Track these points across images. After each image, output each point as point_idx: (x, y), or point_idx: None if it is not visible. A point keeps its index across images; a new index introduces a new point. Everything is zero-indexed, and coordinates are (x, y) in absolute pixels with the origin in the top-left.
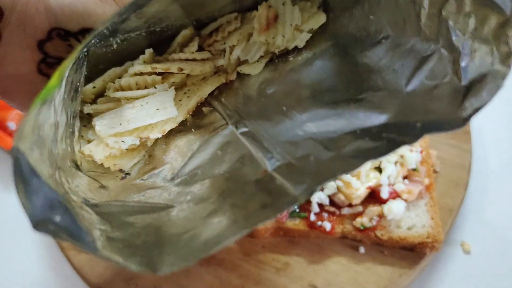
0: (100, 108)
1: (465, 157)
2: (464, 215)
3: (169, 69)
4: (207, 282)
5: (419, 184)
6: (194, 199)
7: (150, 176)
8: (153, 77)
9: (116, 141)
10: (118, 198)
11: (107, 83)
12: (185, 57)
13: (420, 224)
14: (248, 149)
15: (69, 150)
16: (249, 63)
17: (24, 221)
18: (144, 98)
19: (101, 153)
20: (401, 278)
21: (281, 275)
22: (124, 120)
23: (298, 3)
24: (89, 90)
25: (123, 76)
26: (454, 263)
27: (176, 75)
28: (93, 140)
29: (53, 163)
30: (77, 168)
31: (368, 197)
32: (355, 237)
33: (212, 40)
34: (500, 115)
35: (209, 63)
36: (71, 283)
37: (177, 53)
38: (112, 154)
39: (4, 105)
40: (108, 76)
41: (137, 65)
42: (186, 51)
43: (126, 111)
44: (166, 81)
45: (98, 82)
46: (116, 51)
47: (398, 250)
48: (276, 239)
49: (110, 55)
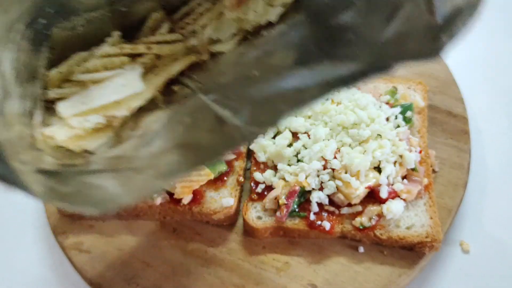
0: (65, 92)
1: (464, 157)
2: (463, 215)
3: (136, 49)
4: (208, 282)
5: (418, 184)
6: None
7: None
8: (121, 59)
9: (80, 121)
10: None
11: (73, 68)
12: (155, 40)
13: (419, 223)
14: (215, 111)
15: (27, 133)
16: (222, 42)
17: (25, 221)
18: (111, 78)
19: (64, 134)
20: (400, 278)
21: (281, 275)
22: (88, 99)
23: None
24: (55, 75)
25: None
26: (453, 263)
27: (146, 56)
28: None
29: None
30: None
31: (367, 197)
32: (354, 237)
33: (183, 23)
34: (498, 115)
35: (180, 44)
36: (72, 282)
37: (147, 38)
38: (77, 134)
39: None
40: (74, 60)
41: (105, 47)
42: (157, 34)
43: (91, 92)
44: (135, 63)
45: (63, 67)
46: (82, 36)
47: (397, 249)
48: (276, 239)
49: (77, 40)
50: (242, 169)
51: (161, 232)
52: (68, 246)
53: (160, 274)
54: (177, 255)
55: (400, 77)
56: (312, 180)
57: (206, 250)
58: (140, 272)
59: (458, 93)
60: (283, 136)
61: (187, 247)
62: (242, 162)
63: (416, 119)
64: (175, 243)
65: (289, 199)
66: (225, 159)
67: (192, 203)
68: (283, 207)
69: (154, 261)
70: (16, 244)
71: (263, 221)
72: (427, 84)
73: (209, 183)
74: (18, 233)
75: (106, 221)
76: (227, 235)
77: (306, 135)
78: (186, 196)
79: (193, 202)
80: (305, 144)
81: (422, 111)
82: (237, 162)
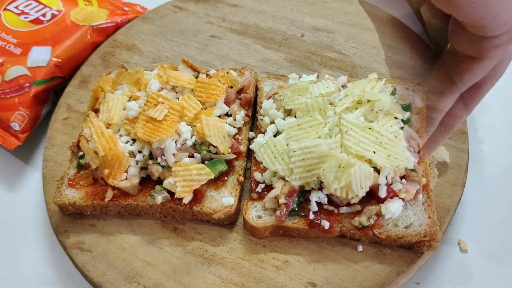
0: None
1: (462, 157)
2: (461, 215)
3: None
4: (209, 280)
5: (417, 184)
6: None
7: None
8: None
9: None
10: None
11: None
12: None
13: (418, 223)
14: None
15: None
16: None
17: (27, 221)
18: None
19: None
20: (399, 277)
21: (281, 274)
22: None
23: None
24: None
25: None
26: (451, 262)
27: None
28: None
29: None
30: None
31: (367, 196)
32: (353, 236)
33: None
34: (497, 116)
35: None
36: (73, 281)
37: None
38: None
39: (7, 106)
40: None
41: None
42: None
43: None
44: None
45: None
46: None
47: (396, 248)
48: (276, 238)
49: None
50: (242, 168)
51: (162, 231)
52: (69, 245)
53: (161, 273)
54: (177, 254)
55: (398, 78)
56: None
57: (207, 249)
58: (141, 271)
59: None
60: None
61: (188, 246)
62: (242, 161)
63: (415, 119)
64: (175, 242)
65: (289, 198)
66: (226, 158)
67: (193, 203)
68: (283, 206)
69: (155, 260)
70: (18, 243)
71: (263, 220)
72: (426, 85)
73: (209, 183)
74: (20, 232)
75: (107, 220)
76: (227, 234)
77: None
78: (187, 195)
79: (194, 201)
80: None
81: (421, 111)
82: (237, 162)
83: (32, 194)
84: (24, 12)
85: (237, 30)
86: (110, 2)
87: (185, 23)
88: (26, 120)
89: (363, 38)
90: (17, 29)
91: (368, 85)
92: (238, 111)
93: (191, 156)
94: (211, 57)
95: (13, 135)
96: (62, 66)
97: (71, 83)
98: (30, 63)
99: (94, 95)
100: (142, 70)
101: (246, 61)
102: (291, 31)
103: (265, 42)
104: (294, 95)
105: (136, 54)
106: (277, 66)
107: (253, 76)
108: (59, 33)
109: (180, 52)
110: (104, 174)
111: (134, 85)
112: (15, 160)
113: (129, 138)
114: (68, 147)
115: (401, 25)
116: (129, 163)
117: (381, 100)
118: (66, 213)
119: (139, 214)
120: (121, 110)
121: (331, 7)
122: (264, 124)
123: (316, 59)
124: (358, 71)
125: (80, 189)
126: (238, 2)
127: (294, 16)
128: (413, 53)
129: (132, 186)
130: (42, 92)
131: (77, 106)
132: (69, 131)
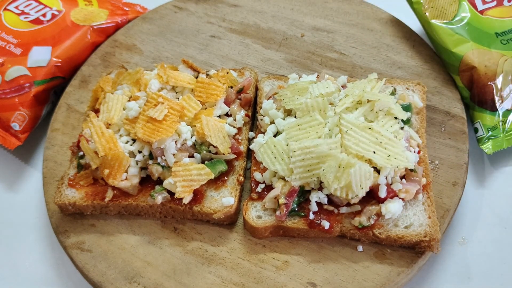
0: None
1: (462, 157)
2: (461, 214)
3: None
4: (209, 280)
5: (417, 184)
6: None
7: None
8: None
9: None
10: None
11: None
12: None
13: (418, 223)
14: None
15: None
16: None
17: (27, 221)
18: None
19: None
20: (399, 277)
21: (281, 274)
22: None
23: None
24: None
25: None
26: (451, 261)
27: None
28: None
29: None
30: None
31: (366, 196)
32: (353, 236)
33: None
34: None
35: None
36: (73, 281)
37: None
38: None
39: (7, 106)
40: None
41: None
42: None
43: None
44: None
45: None
46: None
47: (396, 248)
48: (276, 238)
49: None
50: (242, 168)
51: (162, 231)
52: (69, 245)
53: (161, 273)
54: (177, 254)
55: (398, 78)
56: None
57: (207, 249)
58: (141, 271)
59: (456, 94)
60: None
61: (188, 246)
62: (242, 162)
63: (415, 119)
64: (175, 242)
65: (289, 198)
66: (226, 158)
67: (193, 203)
68: (283, 207)
69: (155, 260)
70: (18, 243)
71: (263, 220)
72: (426, 85)
73: (209, 183)
74: (20, 232)
75: (107, 221)
76: (227, 234)
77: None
78: (187, 195)
79: (194, 201)
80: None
81: (421, 111)
82: (237, 162)
83: (32, 194)
84: (24, 12)
85: (237, 30)
86: (110, 2)
87: (185, 23)
88: (26, 120)
89: (363, 38)
90: (17, 29)
91: (368, 85)
92: (238, 111)
93: (191, 156)
94: (211, 57)
95: (13, 135)
96: (62, 66)
97: (71, 83)
98: (30, 63)
99: (94, 95)
100: (142, 70)
101: (246, 61)
102: (291, 31)
103: (265, 42)
104: (294, 95)
105: (136, 54)
106: (277, 66)
107: (253, 76)
108: (59, 33)
109: (180, 52)
110: (104, 174)
111: (134, 85)
112: (15, 160)
113: (129, 138)
114: (68, 147)
115: (401, 25)
116: (129, 163)
117: (381, 100)
118: (66, 213)
119: (139, 214)
120: (121, 110)
121: (331, 7)
122: (264, 124)
123: (316, 59)
124: (358, 71)
125: (80, 189)
126: (238, 2)
127: (294, 16)
128: (413, 53)
129: (132, 186)
130: (42, 92)
131: (77, 106)
132: (69, 131)
